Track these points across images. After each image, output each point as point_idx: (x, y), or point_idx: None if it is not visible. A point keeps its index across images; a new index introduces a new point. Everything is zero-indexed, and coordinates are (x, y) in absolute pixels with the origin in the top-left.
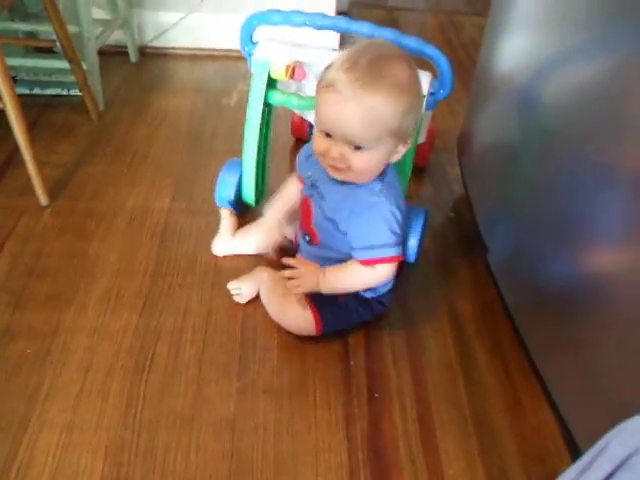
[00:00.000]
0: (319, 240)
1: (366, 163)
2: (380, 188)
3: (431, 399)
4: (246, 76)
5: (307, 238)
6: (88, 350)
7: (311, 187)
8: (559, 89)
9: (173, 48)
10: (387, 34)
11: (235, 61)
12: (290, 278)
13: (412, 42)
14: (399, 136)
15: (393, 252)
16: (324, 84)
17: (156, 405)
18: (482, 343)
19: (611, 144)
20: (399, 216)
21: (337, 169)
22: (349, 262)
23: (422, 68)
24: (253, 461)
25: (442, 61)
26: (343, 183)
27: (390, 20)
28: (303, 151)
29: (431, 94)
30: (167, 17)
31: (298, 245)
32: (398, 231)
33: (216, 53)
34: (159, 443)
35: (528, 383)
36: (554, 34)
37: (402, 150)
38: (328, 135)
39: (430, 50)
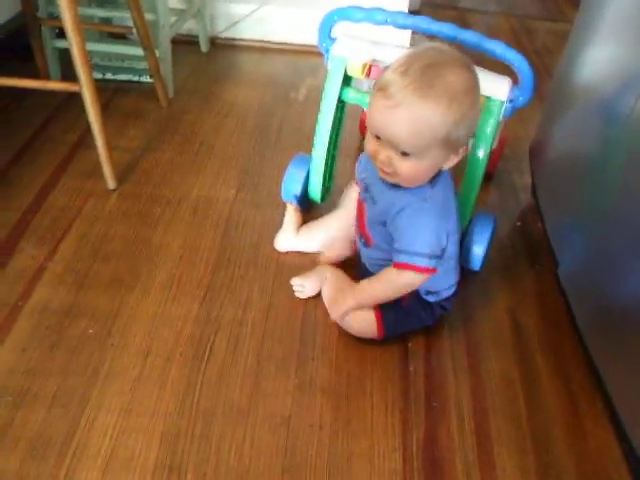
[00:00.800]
0: (374, 242)
1: (412, 170)
2: (428, 196)
3: (490, 413)
4: (315, 71)
5: (363, 240)
6: (148, 335)
7: (365, 191)
8: None
9: (243, 40)
10: (469, 36)
11: (304, 56)
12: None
13: (495, 46)
14: (449, 146)
15: (424, 263)
16: (378, 87)
17: (213, 395)
18: (545, 359)
19: None
20: (442, 229)
21: (385, 172)
22: (382, 271)
23: (502, 73)
24: (307, 459)
25: (525, 68)
26: (393, 186)
27: (461, 21)
28: (363, 153)
29: (510, 101)
30: (239, 9)
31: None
32: (436, 244)
33: (286, 47)
34: (214, 433)
35: (591, 405)
36: None
37: (455, 159)
38: (378, 137)
39: (513, 55)
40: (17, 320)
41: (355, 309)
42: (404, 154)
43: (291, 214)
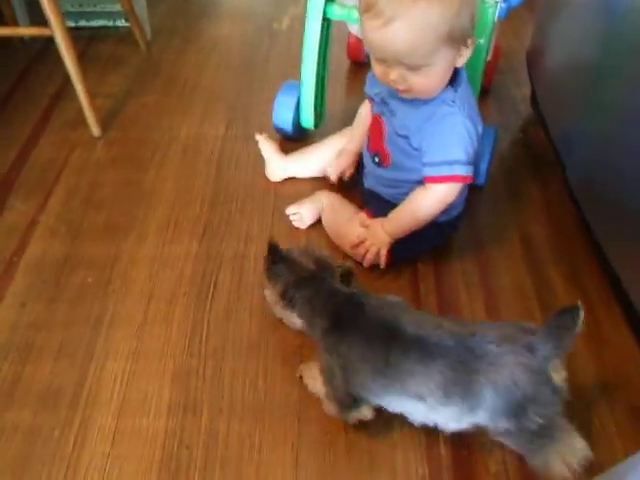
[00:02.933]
0: (391, 160)
1: (428, 79)
2: (453, 98)
3: None
4: (297, 0)
5: (377, 160)
6: (149, 278)
7: (381, 104)
8: None
9: None
10: None
11: None
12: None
13: None
14: (456, 40)
15: (464, 171)
16: (364, 7)
17: (221, 332)
18: (558, 268)
19: None
20: (473, 132)
21: (403, 90)
22: (408, 197)
23: None
24: None
25: None
26: (412, 99)
27: None
28: (368, 74)
29: (504, 0)
30: None
31: (359, 172)
32: (470, 149)
33: None
34: (226, 370)
35: (609, 310)
36: None
37: (467, 52)
38: (381, 59)
39: None
40: (14, 276)
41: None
42: (414, 67)
43: (264, 143)
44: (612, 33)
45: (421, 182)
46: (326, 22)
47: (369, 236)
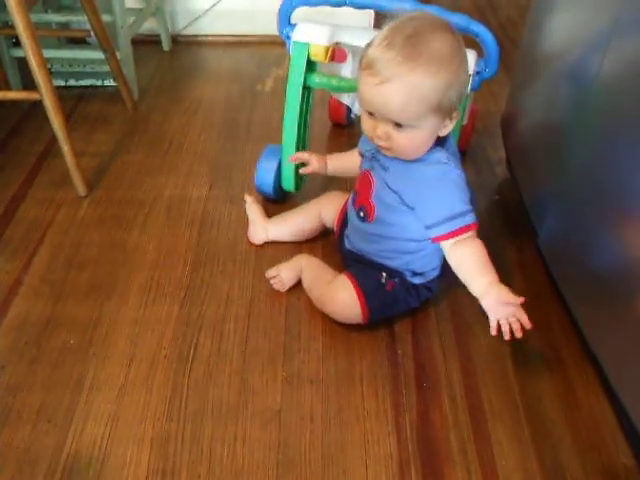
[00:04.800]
0: (375, 215)
1: (410, 141)
2: (446, 157)
3: (481, 388)
4: (280, 61)
5: (362, 214)
6: (130, 341)
7: (372, 159)
8: (614, 65)
9: (206, 35)
10: (432, 12)
11: (269, 46)
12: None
13: (457, 19)
14: (443, 111)
15: (473, 219)
16: (364, 65)
17: (201, 396)
18: (533, 330)
19: None
20: (465, 183)
21: (386, 148)
22: (474, 250)
23: (467, 46)
24: (301, 452)
25: (489, 39)
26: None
27: None
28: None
29: (477, 73)
30: (199, 4)
31: (340, 233)
32: (468, 198)
33: (249, 39)
34: (205, 434)
35: (582, 371)
36: (607, 6)
37: (450, 125)
38: (371, 114)
39: (476, 27)
40: None
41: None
42: (400, 126)
43: (251, 206)
44: (579, 102)
45: (402, 239)
46: (307, 90)
47: (327, 290)
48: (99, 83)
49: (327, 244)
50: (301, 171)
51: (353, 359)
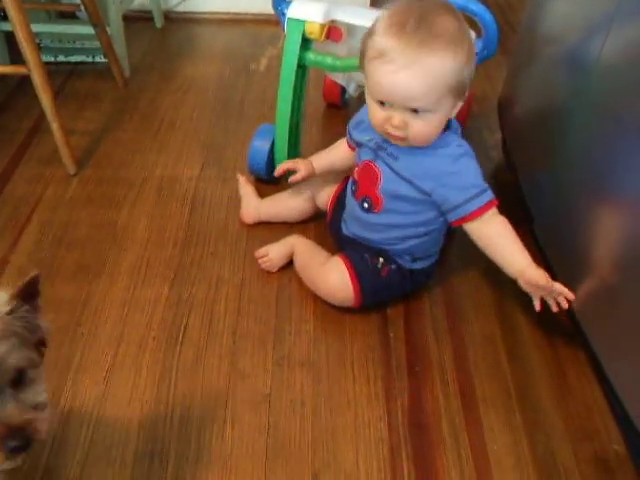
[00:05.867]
0: (383, 207)
1: (428, 126)
2: (457, 142)
3: (473, 373)
4: (275, 40)
5: (366, 205)
6: (119, 322)
7: (376, 149)
8: (615, 49)
9: (199, 12)
10: None
11: (263, 25)
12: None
13: None
14: (459, 91)
15: (492, 195)
16: (373, 54)
17: (190, 378)
18: (526, 316)
19: None
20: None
21: (400, 137)
22: (501, 228)
23: None
24: (291, 436)
25: (488, 18)
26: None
27: None
28: (354, 119)
29: (475, 54)
30: None
31: (332, 216)
32: (482, 178)
33: (243, 17)
34: (194, 417)
35: (574, 357)
36: None
37: (460, 105)
38: (382, 103)
39: (475, 6)
40: None
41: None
42: (416, 112)
43: (244, 185)
44: (578, 86)
45: (412, 226)
46: (301, 69)
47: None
48: (89, 59)
49: (319, 226)
50: (290, 180)
51: (344, 342)
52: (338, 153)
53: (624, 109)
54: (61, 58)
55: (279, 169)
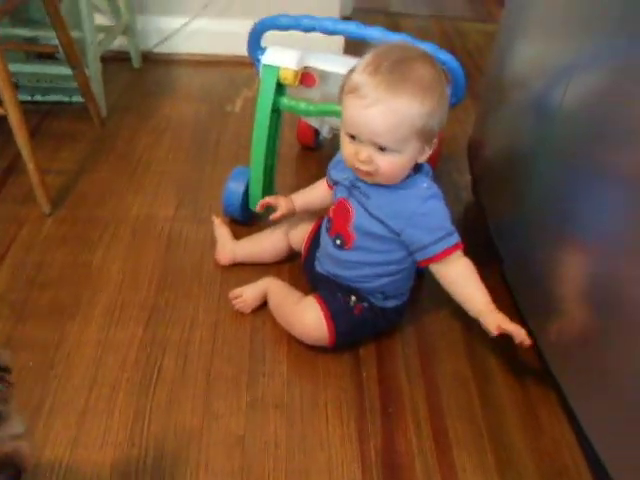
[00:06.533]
0: (354, 244)
1: (393, 165)
2: (427, 184)
3: (446, 414)
4: (250, 82)
5: (338, 242)
6: (93, 363)
7: (350, 187)
8: (576, 94)
9: (176, 54)
10: (399, 39)
11: (239, 67)
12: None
13: (425, 48)
14: (425, 137)
15: (458, 238)
16: (348, 89)
17: (163, 420)
18: (497, 356)
19: (628, 148)
20: (446, 209)
21: (366, 173)
22: (464, 270)
23: None
24: (264, 479)
25: (456, 67)
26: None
27: (393, 26)
28: (333, 160)
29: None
30: (170, 23)
31: (307, 255)
32: (449, 221)
33: (220, 59)
34: (167, 460)
35: (545, 397)
36: (571, 39)
37: (428, 151)
38: (353, 137)
39: (443, 55)
40: None
41: None
42: (383, 150)
43: (219, 227)
44: (543, 131)
45: (383, 264)
46: (276, 113)
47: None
48: (66, 99)
49: (294, 267)
50: (271, 217)
51: (318, 383)
52: (317, 192)
53: (585, 155)
54: (38, 97)
55: (260, 204)
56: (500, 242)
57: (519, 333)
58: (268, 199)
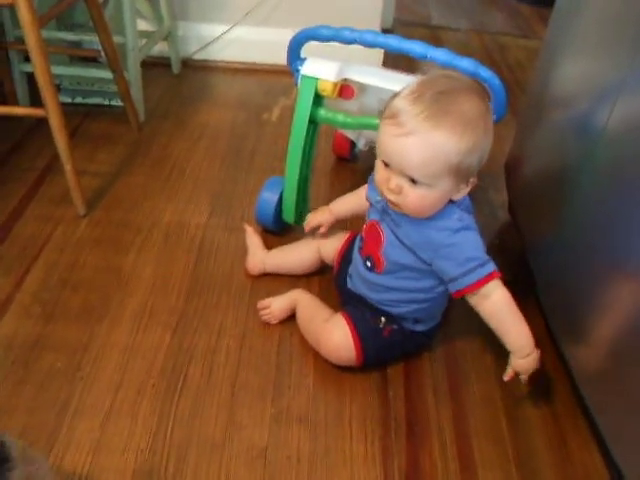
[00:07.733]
0: (384, 269)
1: (421, 199)
2: (459, 216)
3: (472, 436)
4: (288, 91)
5: (369, 264)
6: (119, 367)
7: (382, 212)
8: (623, 115)
9: (215, 61)
10: (440, 54)
11: (277, 76)
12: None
13: (466, 63)
14: (461, 175)
15: (493, 267)
16: (387, 114)
17: (186, 428)
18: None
19: None
20: (480, 239)
21: (395, 203)
22: (499, 305)
23: None
24: None
25: (496, 84)
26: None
27: (433, 39)
28: (371, 177)
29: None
30: (211, 30)
31: (339, 270)
32: (484, 247)
33: (258, 67)
34: (188, 469)
35: (575, 422)
36: (619, 57)
37: (465, 190)
38: (387, 165)
39: (484, 72)
40: None
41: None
42: (414, 182)
43: (251, 236)
44: (585, 152)
45: (413, 291)
46: (313, 125)
47: (324, 327)
48: (106, 102)
49: (324, 280)
50: (306, 229)
51: (343, 399)
52: (357, 200)
53: (632, 178)
54: (79, 100)
55: (309, 228)
56: (535, 263)
57: (523, 378)
58: (313, 221)
